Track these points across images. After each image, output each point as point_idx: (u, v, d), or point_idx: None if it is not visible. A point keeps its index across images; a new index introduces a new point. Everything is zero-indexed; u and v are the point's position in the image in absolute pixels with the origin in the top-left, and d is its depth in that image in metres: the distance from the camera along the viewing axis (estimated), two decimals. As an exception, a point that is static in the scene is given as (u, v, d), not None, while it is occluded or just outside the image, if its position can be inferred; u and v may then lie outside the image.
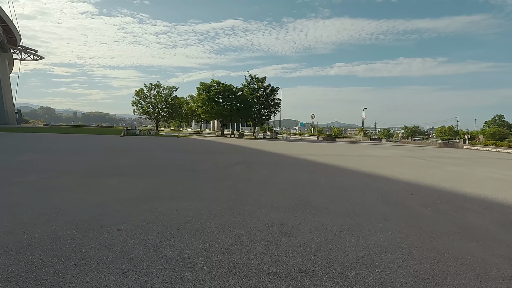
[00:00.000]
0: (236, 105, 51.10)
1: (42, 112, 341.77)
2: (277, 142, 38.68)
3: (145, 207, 5.73)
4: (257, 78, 55.62)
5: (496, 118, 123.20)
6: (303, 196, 7.11)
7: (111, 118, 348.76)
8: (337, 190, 8.05)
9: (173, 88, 73.63)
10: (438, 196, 7.73)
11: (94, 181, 8.03)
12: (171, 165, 11.62)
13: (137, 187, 7.50)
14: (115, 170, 10.07)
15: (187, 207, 5.85)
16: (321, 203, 6.50)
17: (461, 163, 17.48)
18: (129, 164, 11.64)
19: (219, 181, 8.72)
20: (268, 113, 57.63)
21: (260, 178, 9.43)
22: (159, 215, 5.25)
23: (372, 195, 7.60)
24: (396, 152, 26.09)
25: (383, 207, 6.42)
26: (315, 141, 48.43)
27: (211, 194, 7.03)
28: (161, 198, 6.45)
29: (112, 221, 4.87)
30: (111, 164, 11.52)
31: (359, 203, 6.64)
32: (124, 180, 8.31)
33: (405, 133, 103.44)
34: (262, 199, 6.73)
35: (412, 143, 51.14)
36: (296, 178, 9.77)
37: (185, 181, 8.45)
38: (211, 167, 11.65)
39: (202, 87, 51.41)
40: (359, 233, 4.73)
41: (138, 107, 70.55)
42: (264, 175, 10.17)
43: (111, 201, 6.07)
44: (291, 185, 8.44)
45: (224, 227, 4.77)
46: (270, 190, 7.68)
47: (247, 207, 5.99)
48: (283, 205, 6.23)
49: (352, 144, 41.29)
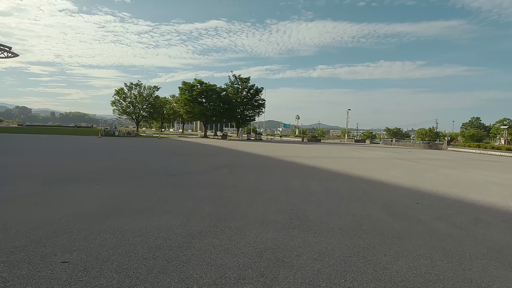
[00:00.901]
0: (220, 105, 49.88)
1: (18, 111, 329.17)
2: (261, 143, 37.75)
3: (106, 225, 4.61)
4: (241, 78, 54.54)
5: (473, 120, 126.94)
6: (297, 208, 6.15)
7: (91, 119, 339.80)
8: (334, 199, 7.13)
9: (155, 88, 71.73)
10: (446, 206, 6.93)
11: (52, 190, 6.80)
12: (147, 170, 10.43)
13: (102, 197, 6.34)
14: (81, 175, 8.82)
15: (159, 224, 4.77)
16: (320, 217, 5.55)
17: (452, 166, 17.01)
18: (99, 168, 10.38)
19: (200, 188, 7.65)
20: (252, 114, 56.63)
21: (247, 185, 8.42)
22: (122, 237, 4.15)
23: (374, 205, 6.71)
24: (383, 154, 25.63)
25: (391, 221, 5.53)
26: (300, 142, 47.81)
27: (190, 205, 5.96)
28: (128, 212, 5.33)
29: (59, 247, 3.75)
30: (78, 168, 10.23)
31: (363, 216, 5.72)
32: (89, 188, 7.11)
33: (387, 134, 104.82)
34: (251, 211, 5.72)
35: (396, 144, 51.36)
36: (287, 184, 8.81)
37: (160, 189, 7.33)
38: (192, 171, 10.54)
39: (184, 87, 49.89)
40: (374, 259, 3.79)
41: (118, 107, 68.26)
42: (251, 180, 9.16)
43: (66, 217, 4.91)
44: (282, 193, 7.47)
45: (205, 254, 3.73)
46: (259, 200, 6.67)
47: (234, 224, 4.97)
48: (276, 220, 5.24)
49: (338, 145, 40.87)
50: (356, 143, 55.85)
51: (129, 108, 68.93)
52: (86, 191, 6.82)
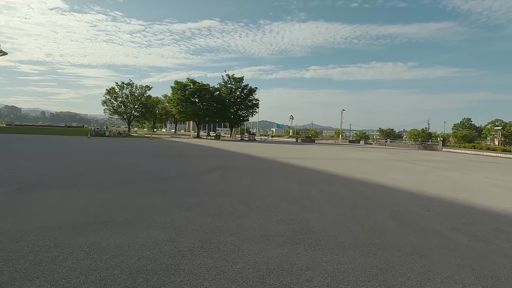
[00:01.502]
0: (213, 105, 49.10)
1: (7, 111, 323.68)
2: (255, 144, 37.13)
3: (81, 242, 3.96)
4: (234, 78, 53.84)
5: (464, 121, 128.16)
6: (299, 217, 5.55)
7: (82, 118, 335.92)
8: (338, 206, 6.55)
9: (147, 88, 70.72)
10: (459, 213, 6.40)
11: (26, 197, 6.10)
12: (134, 173, 9.74)
13: (81, 205, 5.66)
14: (60, 179, 8.10)
15: (143, 239, 4.13)
16: (326, 228, 4.96)
17: (451, 167, 16.62)
18: (83, 171, 9.65)
19: (191, 194, 7.00)
20: (246, 114, 55.93)
21: (242, 190, 7.79)
22: (98, 258, 3.51)
23: (381, 212, 6.16)
24: (379, 155, 25.22)
25: (405, 232, 4.97)
26: (294, 143, 47.33)
27: (179, 215, 5.32)
28: (109, 224, 4.67)
29: (18, 274, 3.09)
30: (59, 171, 9.50)
31: (372, 227, 5.15)
32: (69, 195, 6.41)
33: (380, 135, 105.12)
34: (248, 222, 5.10)
35: (391, 145, 51.20)
36: (285, 188, 8.22)
37: (147, 196, 6.67)
38: (182, 174, 9.87)
39: (176, 86, 49.01)
40: (397, 284, 3.21)
41: (109, 106, 67.11)
42: (246, 185, 8.55)
43: (36, 231, 4.25)
44: (281, 200, 6.87)
45: (197, 280, 3.11)
46: (256, 208, 6.06)
47: (229, 238, 4.35)
48: (277, 233, 4.63)
49: (332, 146, 40.46)
50: (350, 143, 55.60)
51: (121, 108, 67.81)
52: (64, 198, 6.12)
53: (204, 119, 51.41)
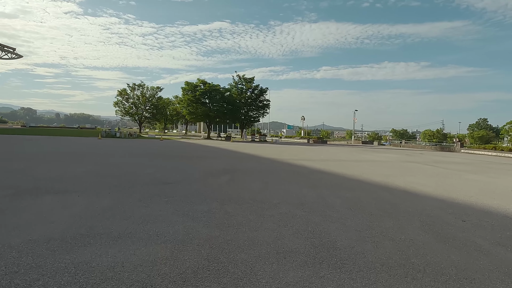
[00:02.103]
0: (223, 106, 48.63)
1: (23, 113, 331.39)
2: (266, 145, 36.49)
3: (68, 261, 3.41)
4: (245, 79, 53.37)
5: (480, 121, 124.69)
6: (319, 229, 4.90)
7: (95, 120, 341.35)
8: (360, 215, 5.88)
9: (158, 89, 70.93)
10: (501, 225, 5.65)
11: (19, 203, 5.62)
12: (139, 176, 9.23)
13: (77, 213, 5.14)
14: (60, 183, 7.63)
15: (140, 258, 3.56)
16: (351, 244, 4.31)
17: (475, 170, 15.65)
18: (86, 174, 9.19)
19: (198, 201, 6.43)
20: (256, 115, 55.38)
21: (252, 195, 7.18)
22: (85, 283, 2.95)
23: (411, 223, 5.46)
24: (395, 156, 24.27)
25: (444, 249, 4.27)
26: (306, 144, 46.50)
27: (184, 226, 4.74)
28: (103, 237, 4.12)
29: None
30: (60, 174, 9.06)
31: (405, 242, 4.47)
32: (65, 201, 5.92)
33: (393, 136, 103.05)
34: (261, 235, 4.49)
35: (405, 146, 49.82)
36: (299, 194, 7.57)
37: (150, 202, 6.12)
38: (189, 178, 9.32)
39: (187, 87, 48.76)
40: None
41: (120, 108, 67.53)
42: (257, 189, 7.93)
43: (20, 247, 3.73)
44: (296, 207, 6.23)
45: (198, 316, 2.52)
46: (270, 218, 5.44)
47: (240, 256, 3.74)
48: (295, 250, 4.00)
49: (345, 147, 39.48)
50: (363, 144, 54.37)
51: (132, 109, 68.16)
52: (61, 205, 5.62)
53: (214, 120, 51.03)
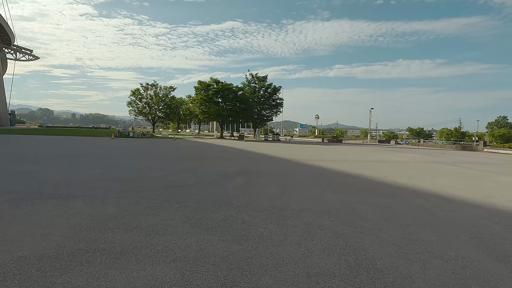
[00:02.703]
0: (236, 105, 48.02)
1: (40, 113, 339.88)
2: (280, 144, 35.80)
3: (59, 285, 2.86)
4: (258, 77, 52.74)
5: (500, 119, 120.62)
6: (352, 243, 4.23)
7: (110, 120, 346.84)
8: (396, 225, 5.16)
9: (171, 88, 71.01)
10: (562, 237, 4.85)
11: (17, 211, 5.15)
12: (149, 179, 8.72)
13: (78, 223, 4.62)
14: (65, 187, 7.17)
15: (144, 282, 2.98)
16: (394, 263, 3.62)
17: (506, 172, 14.59)
18: (91, 177, 8.73)
19: (212, 207, 5.84)
20: (269, 114, 54.70)
21: (271, 201, 6.55)
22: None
23: (457, 236, 4.72)
24: (416, 156, 23.21)
25: (507, 272, 3.54)
26: (320, 143, 45.57)
27: (197, 239, 4.15)
28: (104, 254, 3.56)
29: None
30: (67, 177, 8.63)
31: (456, 261, 3.76)
32: (67, 208, 5.42)
33: (410, 134, 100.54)
34: (286, 252, 3.85)
35: (424, 145, 48.22)
36: (322, 199, 6.89)
37: (159, 209, 5.56)
38: (202, 180, 8.75)
39: (200, 86, 48.40)
40: None
41: (134, 107, 67.84)
42: (275, 194, 7.29)
43: (8, 265, 3.22)
44: (321, 215, 5.57)
45: None
46: (293, 228, 4.79)
47: (263, 280, 3.12)
48: (328, 272, 3.35)
49: (362, 147, 38.39)
50: (380, 144, 52.97)
51: (145, 108, 68.39)
52: (62, 213, 5.12)
53: (227, 119, 50.54)
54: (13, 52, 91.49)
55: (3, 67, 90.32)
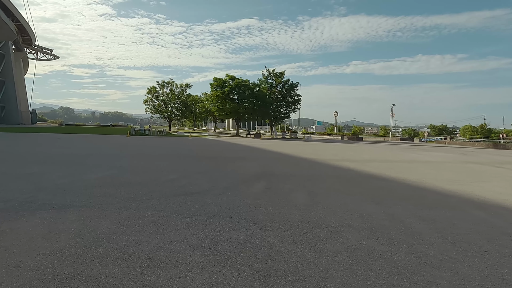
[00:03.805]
0: (253, 102, 46.87)
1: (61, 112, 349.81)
2: (299, 142, 34.52)
3: None
4: (275, 73, 51.42)
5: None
6: (423, 283, 3.04)
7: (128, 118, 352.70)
8: (469, 252, 3.92)
9: (186, 86, 70.61)
10: None
11: (3, 224, 4.23)
12: (157, 184, 7.71)
13: (58, 246, 3.62)
14: (62, 194, 6.24)
15: None
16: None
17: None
18: (94, 182, 7.79)
19: (228, 223, 4.75)
20: (287, 111, 53.29)
21: (300, 214, 5.41)
22: None
23: None
24: (447, 155, 21.49)
25: None
26: (340, 141, 43.93)
27: (210, 275, 3.06)
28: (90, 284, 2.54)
29: None
30: (67, 181, 7.75)
31: None
32: (54, 222, 4.45)
33: (432, 131, 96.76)
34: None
35: (451, 143, 45.74)
36: (362, 212, 5.70)
37: (163, 225, 4.51)
38: (218, 186, 7.68)
39: (215, 83, 47.49)
40: None
41: (150, 105, 67.82)
42: (304, 204, 6.15)
43: None
44: (366, 236, 4.39)
45: None
46: (335, 256, 3.64)
47: None
48: None
49: (385, 145, 36.59)
50: (402, 141, 50.73)
51: (161, 106, 68.25)
52: (43, 232, 4.15)
53: (243, 116, 49.51)
54: (34, 52, 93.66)
55: (24, 67, 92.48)
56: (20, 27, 75.39)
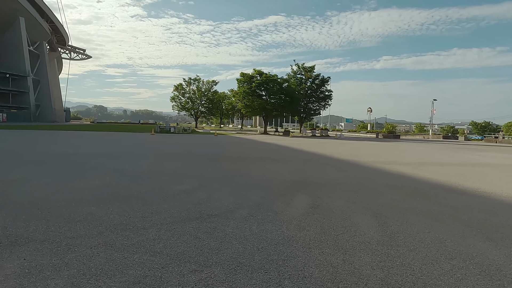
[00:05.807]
0: (281, 98, 44.59)
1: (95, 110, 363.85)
2: (331, 141, 32.02)
3: None
4: (304, 68, 48.88)
5: None
6: None
7: (158, 116, 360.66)
8: None
9: (213, 82, 69.63)
10: None
11: None
12: (166, 198, 5.87)
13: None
14: (24, 218, 4.50)
15: None
16: None
17: None
18: (81, 193, 6.07)
19: (265, 281, 2.77)
20: (317, 107, 50.63)
21: (379, 268, 3.34)
22: None
23: None
24: (509, 157, 18.38)
25: None
26: (375, 139, 40.83)
27: None
28: None
29: None
30: (49, 192, 6.09)
31: None
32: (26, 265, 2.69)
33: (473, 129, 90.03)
34: None
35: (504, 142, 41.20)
36: (477, 260, 3.54)
37: (169, 275, 2.62)
38: (244, 203, 5.68)
39: (242, 79, 45.70)
40: None
41: (177, 103, 67.42)
42: (375, 243, 4.05)
43: None
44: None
45: None
46: None
47: None
48: None
49: (427, 144, 33.23)
50: (445, 140, 46.58)
51: (188, 103, 67.65)
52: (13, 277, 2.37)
53: (271, 113, 47.39)
54: (68, 52, 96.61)
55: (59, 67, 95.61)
56: (54, 27, 77.61)
